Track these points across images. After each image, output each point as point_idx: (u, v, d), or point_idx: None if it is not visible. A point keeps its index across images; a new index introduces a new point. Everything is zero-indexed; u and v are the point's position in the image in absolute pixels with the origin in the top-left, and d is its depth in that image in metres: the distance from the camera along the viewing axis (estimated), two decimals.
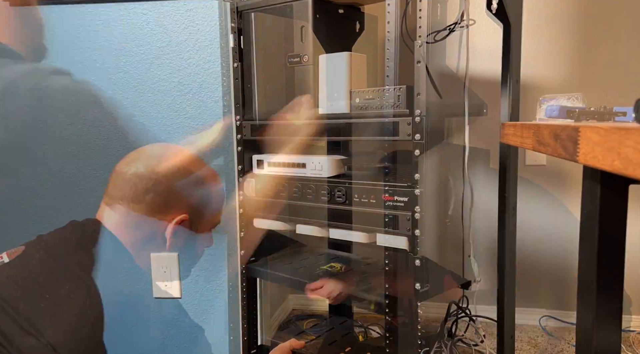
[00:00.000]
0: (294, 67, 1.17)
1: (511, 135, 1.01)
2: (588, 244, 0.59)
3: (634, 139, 0.40)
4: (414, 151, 0.98)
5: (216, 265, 1.50)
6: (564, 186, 1.75)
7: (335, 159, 1.18)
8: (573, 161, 0.53)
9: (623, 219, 0.57)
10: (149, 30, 1.44)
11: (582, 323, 0.61)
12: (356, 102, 1.08)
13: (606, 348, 0.58)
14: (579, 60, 1.70)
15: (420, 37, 0.96)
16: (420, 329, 1.04)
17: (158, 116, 1.46)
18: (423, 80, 0.97)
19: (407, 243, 1.05)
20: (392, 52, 1.02)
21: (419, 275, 1.00)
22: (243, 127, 1.32)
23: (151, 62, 1.44)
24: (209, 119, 1.46)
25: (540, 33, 1.71)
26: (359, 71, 1.14)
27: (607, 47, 1.67)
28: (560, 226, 1.76)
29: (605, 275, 0.57)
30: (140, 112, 1.47)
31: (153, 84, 1.45)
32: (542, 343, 1.65)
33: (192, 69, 1.44)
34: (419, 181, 0.98)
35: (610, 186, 0.55)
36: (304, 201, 1.19)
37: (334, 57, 1.12)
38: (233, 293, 1.41)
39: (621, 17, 1.65)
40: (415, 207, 0.99)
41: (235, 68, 1.29)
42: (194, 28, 1.43)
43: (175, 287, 1.49)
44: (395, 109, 1.02)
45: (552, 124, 0.65)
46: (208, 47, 1.44)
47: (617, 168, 0.43)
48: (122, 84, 1.46)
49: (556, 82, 1.72)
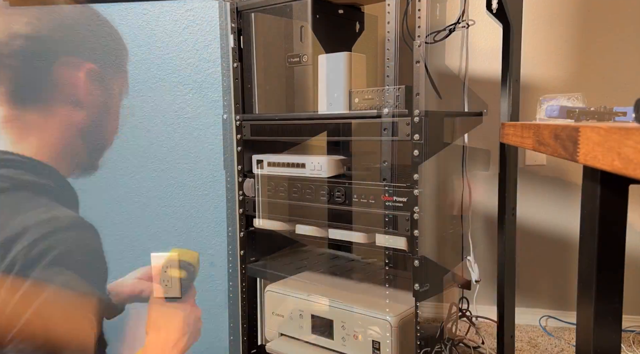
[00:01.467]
0: (294, 67, 1.17)
1: (511, 135, 1.01)
2: (588, 244, 0.59)
3: (634, 139, 0.40)
4: (413, 151, 0.98)
5: (216, 265, 1.50)
6: (564, 186, 1.75)
7: (335, 159, 1.18)
8: (573, 161, 0.53)
9: (623, 219, 0.57)
10: (149, 30, 1.44)
11: (582, 323, 0.61)
12: (355, 102, 1.08)
13: (606, 347, 0.58)
14: (579, 60, 1.70)
15: (420, 37, 0.96)
16: (420, 330, 1.04)
17: (158, 115, 1.46)
18: (422, 81, 0.97)
19: (405, 243, 1.05)
20: (392, 52, 1.02)
21: (418, 275, 1.00)
22: (243, 127, 1.32)
23: (151, 62, 1.45)
24: (209, 119, 1.46)
25: (540, 33, 1.71)
26: (358, 71, 1.14)
27: (607, 47, 1.67)
28: (560, 226, 1.76)
29: (605, 275, 0.57)
30: (140, 112, 1.47)
31: (153, 84, 1.45)
32: (543, 343, 1.65)
33: (192, 69, 1.44)
34: (418, 181, 0.98)
35: (610, 186, 0.55)
36: (303, 201, 1.19)
37: (333, 57, 1.12)
38: (233, 293, 1.41)
39: (621, 17, 1.65)
40: (414, 208, 0.99)
41: (235, 68, 1.29)
42: (194, 28, 1.43)
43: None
44: (394, 109, 1.02)
45: (552, 124, 0.65)
46: (208, 47, 1.44)
47: (617, 168, 0.43)
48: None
49: (556, 82, 1.72)
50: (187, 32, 1.43)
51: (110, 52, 0.90)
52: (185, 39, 1.43)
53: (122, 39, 0.90)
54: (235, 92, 1.29)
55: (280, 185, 1.24)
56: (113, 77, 0.88)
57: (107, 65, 0.87)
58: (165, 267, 0.85)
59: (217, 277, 1.50)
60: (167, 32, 1.43)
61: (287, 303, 1.23)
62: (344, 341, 1.12)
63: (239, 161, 1.32)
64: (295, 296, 1.21)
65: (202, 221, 1.50)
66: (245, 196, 1.30)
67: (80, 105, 0.82)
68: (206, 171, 1.48)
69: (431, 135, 0.99)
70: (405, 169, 1.03)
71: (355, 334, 1.10)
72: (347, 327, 1.12)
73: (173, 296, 0.85)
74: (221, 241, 1.50)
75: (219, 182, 1.48)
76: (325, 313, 1.15)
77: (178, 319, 0.83)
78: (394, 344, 1.05)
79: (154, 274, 0.86)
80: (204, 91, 1.45)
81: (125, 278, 0.95)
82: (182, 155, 1.47)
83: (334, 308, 1.14)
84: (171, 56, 1.44)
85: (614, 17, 1.65)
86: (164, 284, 0.85)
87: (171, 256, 0.86)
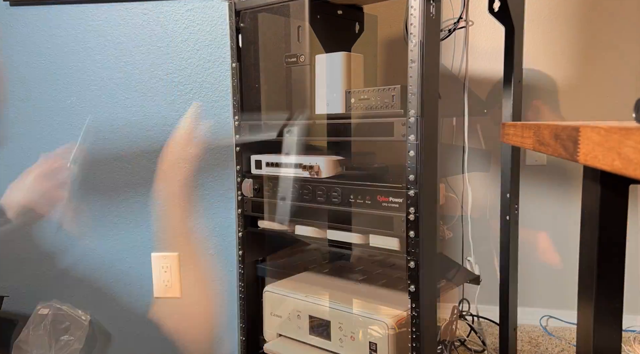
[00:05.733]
0: (291, 67, 1.17)
1: (511, 135, 1.00)
2: (588, 244, 0.58)
3: (634, 139, 0.40)
4: (409, 152, 0.98)
5: (216, 265, 1.50)
6: (564, 186, 1.74)
7: (333, 159, 1.18)
8: (573, 161, 0.53)
9: (623, 219, 0.57)
10: (149, 30, 1.44)
11: (583, 322, 0.61)
12: (352, 103, 1.08)
13: (607, 347, 0.58)
14: (579, 60, 1.70)
15: (415, 37, 0.96)
16: (416, 332, 1.04)
17: (158, 115, 1.46)
18: (417, 81, 0.97)
19: (399, 244, 1.04)
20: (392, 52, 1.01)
21: (414, 277, 1.00)
22: (242, 127, 1.32)
23: (151, 62, 1.45)
24: (209, 119, 1.46)
25: (541, 33, 1.71)
26: (356, 71, 1.13)
27: (608, 46, 1.67)
28: (560, 225, 1.76)
29: (605, 275, 0.57)
30: (140, 112, 1.47)
31: (153, 84, 1.45)
32: (543, 343, 1.65)
33: (192, 69, 1.44)
34: (413, 182, 0.98)
35: (610, 186, 0.55)
36: (301, 201, 1.18)
37: (330, 57, 1.12)
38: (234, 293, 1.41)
39: (623, 17, 1.64)
40: (410, 209, 0.99)
41: (234, 68, 1.28)
42: (194, 28, 1.43)
43: (175, 287, 1.49)
44: (390, 110, 1.02)
45: (552, 124, 0.64)
46: (208, 47, 1.44)
47: (617, 168, 0.43)
48: (122, 84, 1.46)
49: (556, 82, 1.72)
50: (188, 32, 1.43)
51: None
52: (185, 39, 1.43)
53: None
54: (234, 92, 1.29)
55: (278, 185, 1.23)
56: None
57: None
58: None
59: (217, 277, 1.50)
60: (167, 32, 1.43)
61: (285, 303, 1.23)
62: (342, 342, 1.12)
63: (237, 161, 1.32)
64: (293, 297, 1.21)
65: (202, 221, 1.50)
66: (244, 196, 1.30)
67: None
68: (207, 171, 1.48)
69: (427, 135, 0.98)
70: (402, 170, 1.02)
71: (353, 335, 1.10)
72: (345, 328, 1.11)
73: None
74: (222, 241, 1.50)
75: (220, 182, 1.48)
76: (323, 314, 1.15)
77: None
78: (391, 346, 1.04)
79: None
80: (204, 91, 1.45)
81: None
82: (182, 155, 1.47)
83: (332, 308, 1.14)
84: (171, 56, 1.44)
85: (616, 17, 1.65)
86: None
87: None
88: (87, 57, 1.46)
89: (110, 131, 1.47)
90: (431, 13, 0.96)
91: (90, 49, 1.45)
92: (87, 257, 1.52)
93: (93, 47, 1.45)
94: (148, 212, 1.49)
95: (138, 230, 1.50)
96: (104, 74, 1.46)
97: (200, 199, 1.49)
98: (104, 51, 1.45)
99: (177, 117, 1.46)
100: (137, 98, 1.46)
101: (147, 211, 1.49)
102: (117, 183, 1.49)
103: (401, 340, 1.05)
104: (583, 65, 1.70)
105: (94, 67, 1.46)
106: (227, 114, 1.45)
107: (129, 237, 1.51)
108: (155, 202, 1.50)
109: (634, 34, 1.64)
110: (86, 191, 1.48)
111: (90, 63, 1.46)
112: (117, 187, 1.49)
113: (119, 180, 1.49)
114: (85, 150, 0.92)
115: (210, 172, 1.48)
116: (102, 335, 1.54)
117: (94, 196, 1.49)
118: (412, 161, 0.98)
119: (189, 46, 1.44)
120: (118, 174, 1.49)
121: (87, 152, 0.95)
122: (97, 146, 1.47)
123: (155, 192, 1.48)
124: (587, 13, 1.67)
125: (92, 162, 1.47)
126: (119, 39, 1.44)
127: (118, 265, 1.52)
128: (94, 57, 1.46)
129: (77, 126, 1.48)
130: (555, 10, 1.70)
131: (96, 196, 1.49)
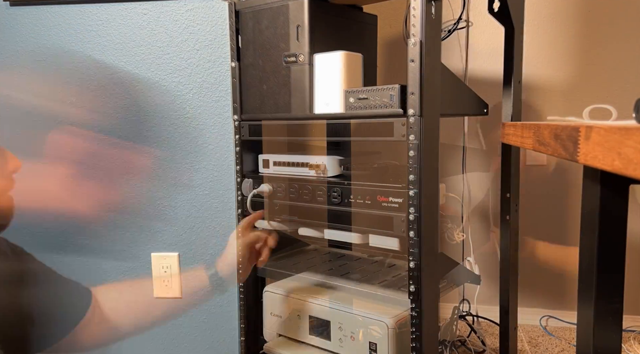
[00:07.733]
0: (290, 67, 1.17)
1: (511, 135, 1.00)
2: (588, 244, 0.58)
3: (634, 139, 0.40)
4: (409, 152, 0.98)
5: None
6: (564, 186, 1.75)
7: (336, 159, 1.18)
8: (573, 161, 0.53)
9: (623, 219, 0.57)
10: (149, 30, 1.44)
11: (583, 322, 0.61)
12: (350, 102, 1.08)
13: (607, 347, 0.58)
14: (580, 60, 1.70)
15: (414, 36, 0.96)
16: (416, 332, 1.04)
17: (158, 115, 1.46)
18: (416, 80, 0.96)
19: (399, 244, 1.04)
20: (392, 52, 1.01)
21: (414, 276, 1.00)
22: (242, 127, 1.32)
23: (151, 62, 1.45)
24: (209, 119, 1.46)
25: (541, 33, 1.71)
26: (354, 71, 1.13)
27: (608, 46, 1.67)
28: (560, 225, 1.76)
29: (605, 275, 0.57)
30: (140, 111, 1.47)
31: (153, 84, 1.45)
32: (543, 343, 1.65)
33: (192, 69, 1.44)
34: (413, 182, 0.98)
35: (610, 186, 0.55)
36: (303, 201, 1.18)
37: (329, 56, 1.12)
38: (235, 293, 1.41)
39: (623, 17, 1.64)
40: (410, 209, 0.99)
41: (234, 68, 1.28)
42: (194, 28, 1.43)
43: (175, 287, 1.49)
44: (389, 109, 1.02)
45: (552, 123, 0.64)
46: (208, 47, 1.44)
47: (617, 168, 0.43)
48: (122, 84, 1.46)
49: (556, 82, 1.72)
50: (188, 32, 1.43)
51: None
52: (185, 39, 1.43)
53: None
54: (234, 92, 1.29)
55: (279, 186, 1.23)
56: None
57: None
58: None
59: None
60: (167, 32, 1.43)
61: (285, 303, 1.23)
62: (341, 342, 1.12)
63: (237, 162, 1.32)
64: (293, 297, 1.21)
65: (202, 221, 1.50)
66: (244, 197, 1.30)
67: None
68: (207, 171, 1.48)
69: (427, 135, 0.98)
70: (402, 170, 1.02)
71: (353, 336, 1.10)
72: (345, 328, 1.11)
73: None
74: (222, 241, 1.50)
75: (220, 182, 1.48)
76: (323, 314, 1.15)
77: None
78: (391, 346, 1.04)
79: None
80: (204, 90, 1.45)
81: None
82: (183, 155, 1.47)
83: (332, 308, 1.14)
84: (171, 56, 1.44)
85: (616, 17, 1.65)
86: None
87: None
88: (88, 57, 1.46)
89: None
90: (432, 13, 0.96)
91: (90, 49, 1.45)
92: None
93: (93, 47, 1.45)
94: (148, 212, 1.49)
95: (138, 230, 1.50)
96: (105, 74, 1.46)
97: (201, 199, 1.49)
98: (104, 51, 1.45)
99: (177, 118, 1.46)
100: (137, 98, 1.46)
101: (148, 210, 1.49)
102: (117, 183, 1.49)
103: (401, 340, 1.05)
104: (583, 65, 1.70)
105: (94, 67, 1.46)
106: (227, 114, 1.45)
107: (129, 237, 1.51)
108: (155, 202, 1.50)
109: (634, 33, 1.64)
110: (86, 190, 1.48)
111: (90, 63, 1.46)
112: (117, 187, 1.49)
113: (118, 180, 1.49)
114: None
115: (210, 172, 1.48)
116: None
117: (93, 196, 1.49)
118: (413, 161, 0.98)
119: (189, 46, 1.44)
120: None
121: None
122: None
123: (156, 192, 1.48)
124: (587, 13, 1.67)
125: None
126: (119, 39, 1.44)
127: (118, 265, 1.52)
128: (94, 57, 1.46)
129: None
130: (555, 10, 1.70)
131: (96, 195, 1.49)
